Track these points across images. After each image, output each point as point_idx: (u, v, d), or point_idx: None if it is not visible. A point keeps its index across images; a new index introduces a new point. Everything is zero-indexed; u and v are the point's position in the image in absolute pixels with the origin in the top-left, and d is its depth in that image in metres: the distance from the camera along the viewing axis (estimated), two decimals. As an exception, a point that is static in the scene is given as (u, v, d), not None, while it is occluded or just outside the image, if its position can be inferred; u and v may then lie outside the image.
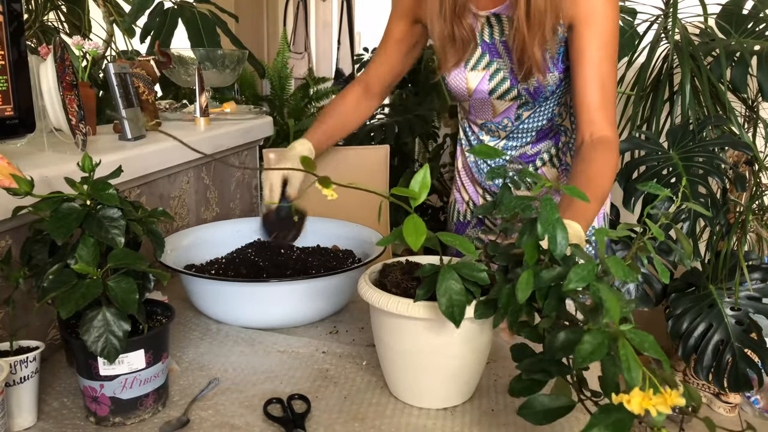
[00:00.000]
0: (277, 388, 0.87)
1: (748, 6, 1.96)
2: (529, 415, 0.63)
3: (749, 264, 1.86)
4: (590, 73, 1.05)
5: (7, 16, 0.94)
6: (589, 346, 0.54)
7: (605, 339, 0.54)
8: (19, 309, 0.89)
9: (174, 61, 1.69)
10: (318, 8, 4.45)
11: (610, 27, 1.05)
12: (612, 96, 1.07)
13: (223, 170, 1.59)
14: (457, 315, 0.69)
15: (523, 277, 0.66)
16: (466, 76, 1.17)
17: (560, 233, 0.68)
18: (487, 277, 0.72)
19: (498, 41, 1.13)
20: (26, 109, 1.00)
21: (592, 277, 0.61)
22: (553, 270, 0.67)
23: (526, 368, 0.67)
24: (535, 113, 1.19)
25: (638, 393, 0.49)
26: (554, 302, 0.67)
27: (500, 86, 1.16)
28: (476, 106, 1.24)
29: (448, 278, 0.70)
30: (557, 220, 0.68)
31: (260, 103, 2.70)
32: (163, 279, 0.75)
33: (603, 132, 1.05)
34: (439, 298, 0.69)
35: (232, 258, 1.20)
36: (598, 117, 1.06)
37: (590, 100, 1.06)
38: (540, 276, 0.67)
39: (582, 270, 0.62)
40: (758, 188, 1.92)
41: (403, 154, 2.70)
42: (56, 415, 0.79)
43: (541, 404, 0.63)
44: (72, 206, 0.72)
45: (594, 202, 0.96)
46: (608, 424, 0.51)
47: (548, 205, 0.69)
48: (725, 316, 1.82)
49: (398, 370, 0.82)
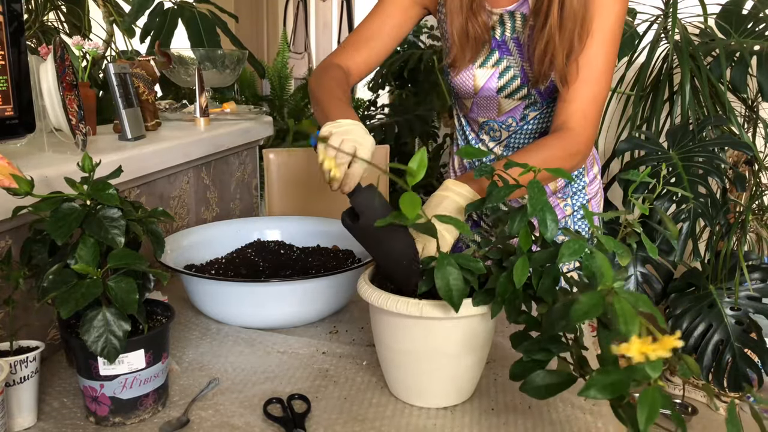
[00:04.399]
0: (277, 388, 0.87)
1: (748, 6, 1.96)
2: (531, 390, 0.65)
3: (749, 264, 1.86)
4: (583, 64, 1.03)
5: (7, 16, 0.94)
6: (585, 305, 0.55)
7: (600, 297, 0.55)
8: (19, 309, 0.89)
9: (174, 61, 1.69)
10: (318, 8, 4.45)
11: (613, 24, 1.03)
12: (599, 96, 1.04)
13: (223, 170, 1.59)
14: (455, 298, 0.70)
15: (519, 262, 0.68)
16: (474, 73, 1.15)
17: (549, 216, 0.70)
18: (483, 267, 0.73)
19: (509, 38, 1.11)
20: (26, 109, 1.00)
21: (583, 251, 0.63)
22: (546, 251, 0.69)
23: (526, 349, 0.68)
24: (541, 114, 1.17)
25: (636, 341, 0.49)
26: (549, 283, 0.69)
27: (510, 84, 1.14)
28: (480, 103, 1.21)
29: (445, 264, 0.71)
30: (546, 202, 0.70)
31: (260, 103, 2.71)
32: (163, 279, 0.75)
33: (574, 128, 1.02)
34: (438, 282, 0.71)
35: (232, 258, 1.20)
36: (575, 118, 1.03)
37: (574, 92, 1.03)
38: (533, 258, 0.69)
39: (573, 244, 0.63)
40: (758, 188, 1.92)
41: (403, 154, 2.70)
42: (56, 415, 0.79)
43: (543, 379, 0.65)
44: (72, 206, 0.72)
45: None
46: (606, 385, 0.52)
47: (536, 188, 0.70)
48: (725, 316, 1.82)
49: (398, 369, 0.82)
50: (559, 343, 0.67)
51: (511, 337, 0.71)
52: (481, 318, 0.77)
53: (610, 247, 0.65)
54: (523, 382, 0.65)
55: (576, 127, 1.03)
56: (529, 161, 0.96)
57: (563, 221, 1.26)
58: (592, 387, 0.52)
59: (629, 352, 0.49)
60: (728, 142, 1.72)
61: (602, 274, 0.56)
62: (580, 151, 1.03)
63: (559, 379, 0.64)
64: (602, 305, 0.55)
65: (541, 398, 0.64)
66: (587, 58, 1.03)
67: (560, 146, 1.01)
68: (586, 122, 1.03)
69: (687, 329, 1.83)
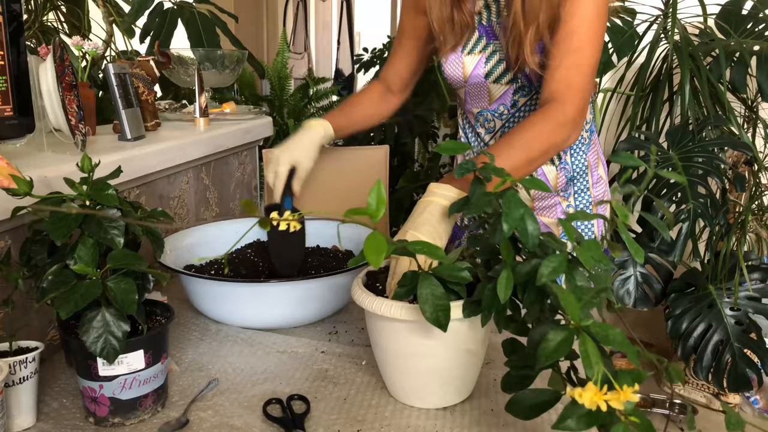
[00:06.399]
0: (276, 388, 0.87)
1: (747, 6, 1.96)
2: (517, 411, 0.64)
3: (749, 264, 1.86)
4: (562, 37, 1.01)
5: (7, 16, 0.94)
6: (553, 344, 0.54)
7: (569, 335, 0.54)
8: (18, 309, 0.89)
9: (173, 62, 1.69)
10: (318, 8, 4.45)
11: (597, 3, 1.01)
12: (583, 64, 1.01)
13: (222, 170, 1.59)
14: (442, 320, 0.68)
15: (502, 276, 0.65)
16: (463, 60, 1.15)
17: (530, 224, 0.67)
18: (469, 275, 0.70)
19: (495, 23, 1.11)
20: (26, 109, 1.00)
21: (563, 269, 0.61)
22: (528, 263, 0.66)
23: (514, 364, 0.67)
24: (531, 100, 1.17)
25: (592, 388, 0.49)
26: (533, 295, 0.66)
27: (496, 69, 1.14)
28: (472, 92, 1.21)
29: (427, 284, 0.68)
30: (522, 214, 0.67)
31: (260, 104, 2.70)
32: (162, 279, 0.75)
33: (557, 99, 1.00)
34: (422, 306, 0.68)
35: (232, 258, 1.20)
36: (558, 89, 1.00)
37: (556, 65, 1.01)
38: (516, 271, 0.66)
39: (553, 262, 0.61)
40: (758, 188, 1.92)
41: (402, 154, 2.70)
42: (55, 416, 0.79)
43: (528, 399, 0.64)
44: (71, 206, 0.72)
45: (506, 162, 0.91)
46: (581, 416, 0.51)
47: (511, 201, 0.68)
48: (725, 316, 1.82)
49: (394, 371, 0.82)
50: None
51: (503, 344, 0.71)
52: (473, 320, 0.77)
53: (588, 263, 0.62)
54: (509, 402, 0.64)
55: (559, 98, 1.00)
56: (514, 144, 0.94)
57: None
58: (567, 418, 0.52)
59: (581, 400, 0.48)
60: (728, 142, 1.72)
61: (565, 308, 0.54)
62: (568, 120, 0.99)
63: (543, 398, 0.63)
64: (570, 343, 0.54)
65: (526, 419, 0.63)
66: (567, 32, 1.00)
67: (545, 119, 0.98)
68: (570, 90, 1.00)
69: (687, 329, 1.83)
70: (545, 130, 0.97)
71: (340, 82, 4.25)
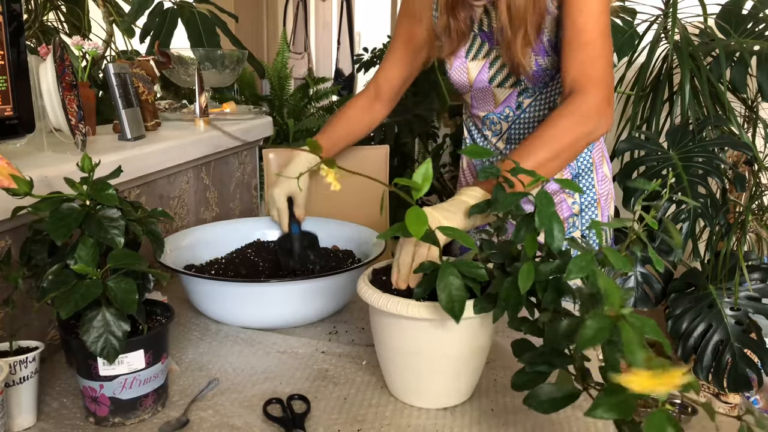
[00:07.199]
0: (276, 388, 0.87)
1: (747, 6, 1.96)
2: (535, 404, 0.64)
3: (749, 264, 1.86)
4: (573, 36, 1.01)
5: (7, 16, 0.94)
6: (591, 331, 0.54)
7: (607, 323, 0.55)
8: (18, 309, 0.89)
9: (173, 61, 1.69)
10: (318, 8, 4.45)
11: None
12: (597, 57, 1.01)
13: (222, 170, 1.59)
14: (457, 310, 0.69)
15: (524, 268, 0.66)
16: (467, 66, 1.18)
17: (557, 226, 0.69)
18: (485, 273, 0.72)
19: (496, 28, 1.12)
20: (26, 109, 1.00)
21: (591, 267, 0.62)
22: (552, 263, 0.68)
23: (529, 361, 0.67)
24: (536, 101, 1.18)
25: (640, 374, 0.49)
26: (553, 295, 0.68)
27: (499, 73, 1.16)
28: (477, 97, 1.23)
29: (447, 274, 0.70)
30: (553, 213, 0.69)
31: (260, 103, 2.70)
32: (162, 279, 0.75)
33: (578, 91, 0.99)
34: (439, 294, 0.70)
35: (232, 258, 1.20)
36: (577, 82, 1.00)
37: (570, 62, 1.01)
38: (539, 270, 0.68)
39: (581, 260, 0.62)
40: (758, 188, 1.92)
41: (402, 154, 2.70)
42: (56, 416, 0.79)
43: (547, 393, 0.64)
44: (71, 206, 0.72)
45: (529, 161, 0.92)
46: (612, 405, 0.52)
47: (544, 199, 0.70)
48: (725, 316, 1.82)
49: (397, 370, 0.82)
50: (562, 356, 0.66)
51: (513, 344, 0.71)
52: (481, 319, 0.77)
53: (618, 266, 0.63)
54: (527, 396, 0.64)
55: (579, 89, 0.99)
56: (535, 142, 0.95)
57: (570, 221, 1.25)
58: (599, 407, 0.52)
59: (631, 385, 0.48)
60: (728, 142, 1.72)
61: (607, 297, 0.55)
62: (591, 109, 0.98)
63: (563, 393, 0.63)
64: (609, 331, 0.54)
65: (545, 413, 0.63)
66: (576, 30, 1.01)
67: (565, 113, 0.97)
68: (590, 80, 0.99)
69: (687, 329, 1.83)
70: (571, 123, 0.97)
71: (340, 82, 4.25)
